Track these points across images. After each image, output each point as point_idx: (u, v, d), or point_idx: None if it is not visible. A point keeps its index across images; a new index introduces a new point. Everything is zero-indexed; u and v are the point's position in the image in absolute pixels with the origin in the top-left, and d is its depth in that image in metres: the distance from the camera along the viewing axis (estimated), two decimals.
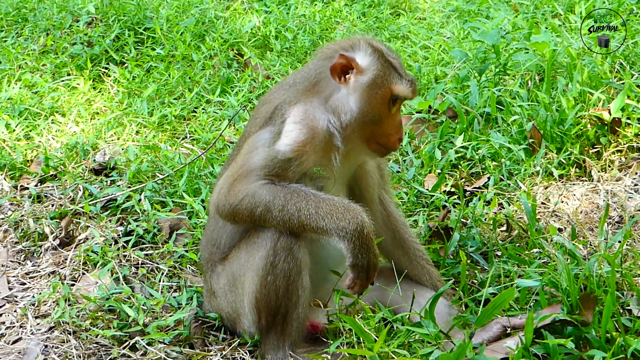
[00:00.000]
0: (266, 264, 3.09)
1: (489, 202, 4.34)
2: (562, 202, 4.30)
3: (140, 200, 4.35)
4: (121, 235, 4.12)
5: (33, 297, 3.67)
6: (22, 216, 4.24)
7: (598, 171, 4.51)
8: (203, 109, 5.64)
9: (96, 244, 3.99)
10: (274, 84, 5.34)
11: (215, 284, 3.36)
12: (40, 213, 4.28)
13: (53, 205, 4.38)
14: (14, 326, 3.48)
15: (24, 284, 3.81)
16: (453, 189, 4.50)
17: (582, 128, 4.66)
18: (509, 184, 4.49)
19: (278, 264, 3.08)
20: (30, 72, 5.97)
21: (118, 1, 6.74)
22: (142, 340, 3.28)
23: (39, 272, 3.88)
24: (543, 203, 4.30)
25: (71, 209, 4.30)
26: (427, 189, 4.49)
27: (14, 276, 3.85)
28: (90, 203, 4.34)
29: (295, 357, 3.16)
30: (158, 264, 3.94)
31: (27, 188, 4.56)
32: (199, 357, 3.24)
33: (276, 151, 3.11)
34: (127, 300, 3.53)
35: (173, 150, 5.02)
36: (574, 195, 4.35)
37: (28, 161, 4.89)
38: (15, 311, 3.58)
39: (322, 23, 7.05)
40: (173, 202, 4.41)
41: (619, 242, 3.60)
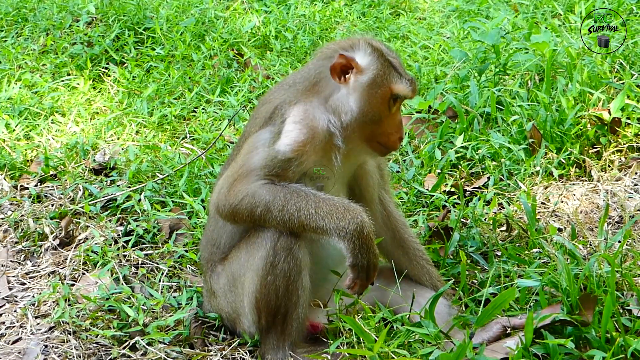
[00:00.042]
0: (266, 264, 3.09)
1: (489, 202, 4.34)
2: (562, 202, 4.30)
3: (140, 200, 4.35)
4: (121, 235, 4.12)
5: (33, 297, 3.67)
6: (22, 216, 4.24)
7: (598, 171, 4.51)
8: (203, 109, 5.64)
9: (96, 244, 3.99)
10: (274, 84, 5.34)
11: (215, 284, 3.36)
12: (40, 213, 4.27)
13: (53, 205, 4.38)
14: (14, 326, 3.48)
15: (24, 284, 3.81)
16: (453, 189, 4.50)
17: (582, 128, 4.66)
18: (509, 184, 4.49)
19: (278, 264, 3.08)
20: (30, 72, 5.97)
21: (118, 1, 6.74)
22: (142, 340, 3.28)
23: (39, 272, 3.88)
24: (543, 203, 4.30)
25: (71, 209, 4.30)
26: (427, 189, 4.49)
27: (14, 276, 3.85)
28: (90, 203, 4.34)
29: (295, 357, 3.16)
30: (158, 264, 3.94)
31: (27, 188, 4.56)
32: (199, 357, 3.24)
33: (276, 151, 3.11)
34: (127, 300, 3.53)
35: (173, 150, 5.02)
36: (574, 195, 4.34)
37: (28, 161, 4.89)
38: (15, 311, 3.57)
39: (322, 23, 7.05)
40: (173, 202, 4.40)
41: (619, 242, 3.60)
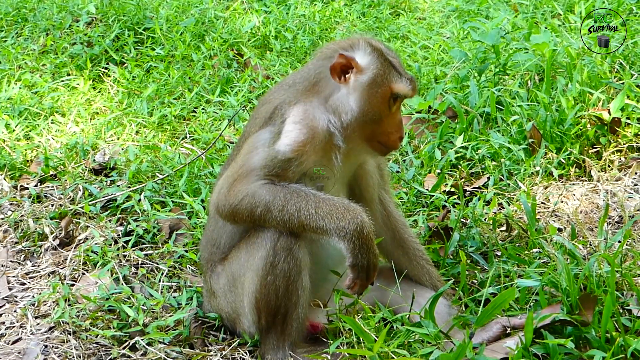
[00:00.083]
0: (266, 264, 3.09)
1: (489, 202, 4.34)
2: (562, 202, 4.30)
3: (140, 200, 4.35)
4: (121, 235, 4.12)
5: (33, 297, 3.67)
6: (22, 216, 4.24)
7: (598, 171, 4.51)
8: (203, 109, 5.64)
9: (96, 244, 3.99)
10: (274, 84, 5.34)
11: (215, 284, 3.36)
12: (40, 213, 4.27)
13: (53, 205, 4.38)
14: (14, 326, 3.48)
15: (24, 284, 3.81)
16: (453, 189, 4.50)
17: (582, 128, 4.66)
18: (509, 184, 4.49)
19: (278, 264, 3.08)
20: (30, 72, 5.97)
21: (118, 1, 6.74)
22: (142, 340, 3.28)
23: (39, 272, 3.88)
24: (543, 203, 4.30)
25: (71, 209, 4.30)
26: (427, 189, 4.49)
27: (14, 276, 3.85)
28: (90, 203, 4.34)
29: (295, 357, 3.16)
30: (158, 264, 3.94)
31: (27, 188, 4.56)
32: (199, 357, 3.24)
33: (276, 151, 3.11)
34: (127, 300, 3.53)
35: (173, 150, 5.02)
36: (574, 195, 4.35)
37: (28, 161, 4.89)
38: (15, 311, 3.57)
39: (322, 23, 7.05)
40: (173, 202, 4.40)
41: (619, 242, 3.60)
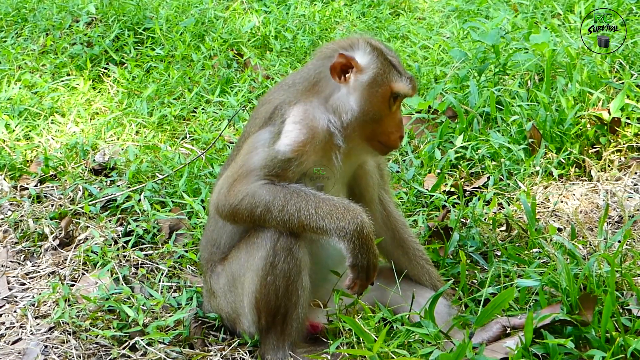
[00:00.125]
0: (266, 264, 3.09)
1: (489, 202, 4.34)
2: (562, 202, 4.30)
3: (140, 200, 4.35)
4: (121, 235, 4.12)
5: (33, 298, 3.67)
6: (22, 216, 4.24)
7: (598, 171, 4.51)
8: (203, 109, 5.64)
9: (96, 244, 3.99)
10: (274, 84, 5.34)
11: (215, 284, 3.36)
12: (40, 213, 4.27)
13: (53, 205, 4.37)
14: (14, 326, 3.48)
15: (24, 284, 3.81)
16: (453, 189, 4.50)
17: (582, 128, 4.66)
18: (509, 184, 4.49)
19: (278, 264, 3.08)
20: (29, 73, 5.97)
21: (118, 1, 6.74)
22: (142, 340, 3.28)
23: (39, 273, 3.88)
24: (543, 203, 4.30)
25: (71, 209, 4.30)
26: (427, 189, 4.48)
27: (14, 276, 3.85)
28: (90, 203, 4.34)
29: (295, 357, 3.16)
30: (158, 264, 3.94)
31: (27, 188, 4.56)
32: (199, 357, 3.24)
33: (276, 151, 3.11)
34: (127, 300, 3.53)
35: (173, 150, 5.02)
36: (574, 195, 4.35)
37: (28, 161, 4.89)
38: (15, 311, 3.57)
39: (322, 23, 7.05)
40: (173, 202, 4.40)
41: (619, 242, 3.60)
